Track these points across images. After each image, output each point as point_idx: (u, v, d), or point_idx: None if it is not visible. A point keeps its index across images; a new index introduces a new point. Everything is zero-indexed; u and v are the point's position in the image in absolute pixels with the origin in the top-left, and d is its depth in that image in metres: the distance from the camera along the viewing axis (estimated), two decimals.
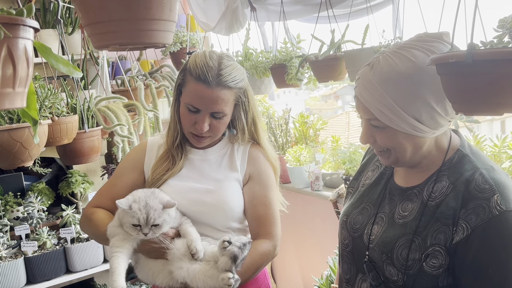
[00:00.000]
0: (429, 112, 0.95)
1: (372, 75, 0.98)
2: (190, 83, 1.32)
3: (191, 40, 2.94)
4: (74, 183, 2.54)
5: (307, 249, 2.95)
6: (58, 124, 1.83)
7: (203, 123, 1.33)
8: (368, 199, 1.18)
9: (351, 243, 1.18)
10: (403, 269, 1.01)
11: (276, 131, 2.97)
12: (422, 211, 1.02)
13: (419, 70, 0.94)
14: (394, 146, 1.02)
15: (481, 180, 0.97)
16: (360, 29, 1.92)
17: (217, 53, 1.36)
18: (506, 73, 0.81)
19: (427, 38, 0.98)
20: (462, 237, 0.95)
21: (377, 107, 0.98)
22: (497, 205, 0.93)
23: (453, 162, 1.04)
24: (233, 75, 1.33)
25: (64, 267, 2.28)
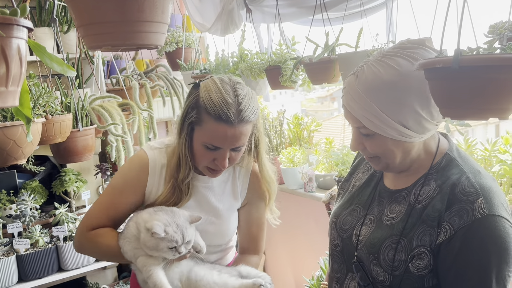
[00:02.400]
0: (415, 117, 0.97)
1: (357, 84, 1.00)
2: (209, 123, 1.23)
3: (187, 40, 2.95)
4: (67, 181, 2.54)
5: (300, 250, 2.96)
6: (52, 123, 1.84)
7: (224, 159, 1.28)
8: (357, 201, 1.20)
9: (340, 243, 1.20)
10: (390, 270, 1.03)
11: (271, 132, 2.98)
12: (409, 213, 1.04)
13: (403, 77, 0.95)
14: (383, 152, 1.04)
15: (466, 184, 0.99)
16: (354, 32, 1.93)
17: (228, 82, 1.27)
18: (491, 78, 0.83)
19: (410, 45, 0.99)
20: (445, 238, 0.97)
21: (365, 116, 0.99)
22: (480, 208, 0.95)
23: (441, 165, 1.06)
24: (251, 107, 1.26)
25: (56, 265, 2.29)
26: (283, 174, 2.78)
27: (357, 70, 1.02)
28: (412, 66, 0.95)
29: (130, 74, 2.74)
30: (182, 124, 1.30)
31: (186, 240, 1.23)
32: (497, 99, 0.85)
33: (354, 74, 1.02)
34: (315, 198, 2.57)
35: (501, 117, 0.88)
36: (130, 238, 1.26)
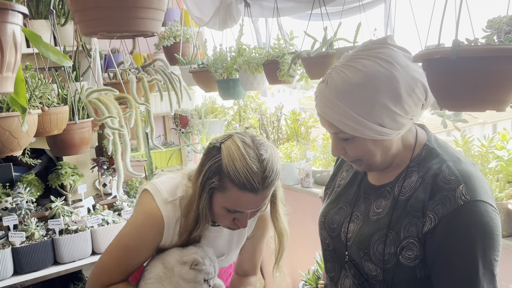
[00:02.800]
0: (390, 115, 0.97)
1: (328, 91, 1.00)
2: (232, 191, 1.20)
3: (185, 34, 2.94)
4: (63, 175, 2.53)
5: (296, 245, 2.96)
6: (48, 115, 1.83)
7: (245, 220, 1.28)
8: (344, 199, 1.21)
9: (331, 243, 1.21)
10: (381, 264, 1.04)
11: (268, 128, 2.98)
12: (394, 206, 1.05)
13: (371, 77, 0.96)
14: (364, 154, 1.05)
15: (447, 172, 1.00)
16: (352, 27, 1.93)
17: (251, 144, 1.22)
18: (489, 70, 0.83)
19: (373, 46, 1.00)
20: (430, 228, 0.98)
21: (340, 121, 1.00)
22: (462, 195, 0.96)
23: (422, 157, 1.07)
24: (275, 170, 1.23)
25: (52, 258, 2.28)
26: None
27: (326, 77, 1.03)
28: (377, 66, 0.96)
29: (127, 68, 2.73)
30: (202, 187, 1.24)
31: (217, 273, 1.30)
32: (495, 90, 0.85)
33: (324, 82, 1.03)
34: (312, 193, 2.57)
35: (498, 108, 0.88)
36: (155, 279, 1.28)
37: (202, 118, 3.45)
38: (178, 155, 3.54)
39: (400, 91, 0.95)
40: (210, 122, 3.52)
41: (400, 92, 0.95)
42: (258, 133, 3.22)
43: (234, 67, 2.50)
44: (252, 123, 3.46)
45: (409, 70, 0.97)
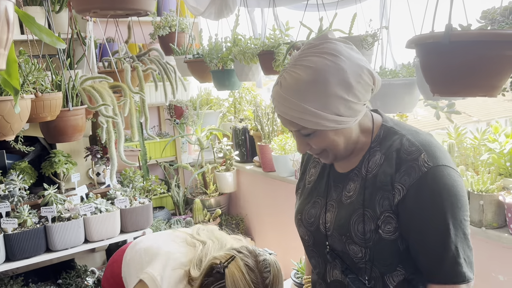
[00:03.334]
0: (345, 104, 1.02)
1: (283, 91, 1.04)
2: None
3: (180, 24, 2.93)
4: (57, 163, 2.52)
5: (289, 236, 2.98)
6: (42, 100, 1.82)
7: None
8: (316, 193, 1.24)
9: (311, 238, 1.23)
10: (364, 243, 1.07)
11: (263, 120, 2.98)
12: (364, 185, 1.10)
13: (320, 72, 1.00)
14: (328, 145, 1.09)
15: (408, 144, 1.06)
16: (348, 18, 1.93)
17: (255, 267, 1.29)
18: (481, 54, 0.84)
19: (316, 43, 1.05)
20: (399, 199, 1.03)
21: (300, 117, 1.04)
22: (424, 162, 1.01)
23: (381, 137, 1.12)
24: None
25: (44, 245, 2.27)
26: (275, 162, 2.79)
27: (279, 79, 1.07)
28: (324, 60, 1.01)
29: (122, 56, 2.72)
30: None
31: None
32: (487, 75, 0.86)
33: (278, 84, 1.07)
34: None
35: (490, 94, 0.89)
36: None
37: (197, 109, 3.44)
38: (172, 146, 3.53)
39: (349, 80, 1.00)
40: (205, 113, 3.51)
41: (349, 81, 1.00)
42: (253, 124, 3.23)
43: (229, 58, 2.50)
44: (247, 115, 3.46)
45: (353, 59, 1.02)
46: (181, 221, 3.16)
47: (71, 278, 2.56)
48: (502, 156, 1.81)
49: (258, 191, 3.26)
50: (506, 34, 0.81)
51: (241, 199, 3.47)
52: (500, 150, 1.82)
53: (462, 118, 5.34)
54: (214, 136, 3.59)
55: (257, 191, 3.28)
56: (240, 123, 3.36)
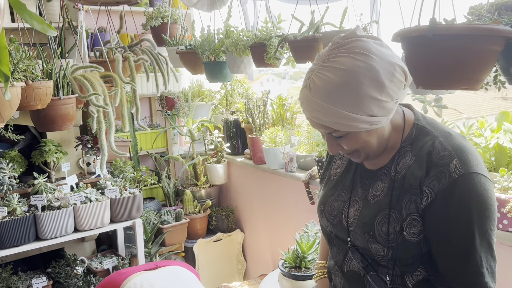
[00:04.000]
0: (378, 104, 0.99)
1: (313, 95, 1.01)
2: None
3: (173, 15, 2.93)
4: (47, 152, 2.52)
5: (278, 228, 3.01)
6: (32, 88, 1.82)
7: None
8: (341, 186, 1.23)
9: (333, 230, 1.23)
10: (386, 243, 1.07)
11: (254, 112, 2.99)
12: (392, 186, 1.08)
13: (352, 73, 0.97)
14: (361, 146, 1.07)
15: (440, 148, 1.03)
16: (339, 12, 1.95)
17: None
18: (464, 48, 0.86)
19: (344, 42, 1.01)
20: (427, 203, 1.01)
21: (332, 121, 1.01)
22: (456, 169, 0.99)
23: (413, 136, 1.10)
24: None
25: (33, 234, 2.28)
26: (265, 154, 2.81)
27: (307, 82, 1.04)
28: (354, 61, 0.97)
29: (114, 46, 2.71)
30: None
31: None
32: (469, 69, 0.88)
33: (306, 87, 1.03)
34: (295, 178, 2.60)
35: (472, 87, 0.92)
36: None
37: (189, 101, 3.45)
38: (163, 137, 3.54)
39: (382, 80, 0.97)
40: (196, 105, 3.52)
41: (382, 80, 0.97)
42: (244, 117, 3.24)
43: (222, 49, 2.51)
44: (238, 107, 3.47)
45: (384, 56, 0.99)
46: (171, 212, 3.18)
47: (61, 267, 2.57)
48: (488, 150, 1.84)
49: (248, 183, 3.28)
50: (488, 29, 0.84)
51: (232, 191, 3.50)
52: (485, 145, 1.85)
53: (453, 115, 5.39)
54: (206, 128, 3.60)
55: (247, 183, 3.30)
56: (232, 116, 3.37)
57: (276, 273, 2.00)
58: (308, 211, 2.63)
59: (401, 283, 1.11)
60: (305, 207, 2.66)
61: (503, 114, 1.94)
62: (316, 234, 2.08)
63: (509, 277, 1.69)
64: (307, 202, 2.58)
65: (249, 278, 3.33)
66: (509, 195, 1.59)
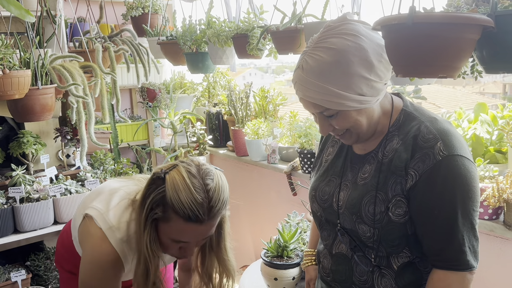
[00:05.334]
0: (367, 83, 1.03)
1: (306, 74, 1.05)
2: (177, 222, 1.19)
3: (154, 5, 2.90)
4: (25, 143, 2.47)
5: (261, 219, 3.02)
6: (9, 77, 1.78)
7: (192, 251, 1.29)
8: (332, 172, 1.27)
9: (323, 214, 1.27)
10: (373, 224, 1.10)
11: (237, 104, 2.99)
12: (379, 169, 1.13)
13: (342, 52, 1.01)
14: (351, 125, 1.10)
15: (425, 131, 1.07)
16: (321, 3, 1.96)
17: (197, 174, 1.22)
18: (443, 36, 0.87)
19: (335, 25, 1.06)
20: (412, 184, 1.06)
21: (324, 99, 1.05)
22: (440, 151, 1.03)
23: (401, 122, 1.14)
24: (222, 199, 1.24)
25: (12, 226, 2.24)
26: (248, 146, 2.81)
27: (300, 62, 1.08)
28: (345, 41, 1.02)
29: (93, 36, 2.67)
30: (145, 220, 1.23)
31: None
32: (447, 56, 0.90)
33: (299, 67, 1.08)
34: (278, 169, 2.62)
35: (450, 75, 0.93)
36: None
37: (171, 93, 3.42)
38: (144, 129, 3.51)
39: (371, 59, 1.01)
40: (178, 97, 3.49)
41: (371, 60, 1.01)
42: (227, 109, 3.24)
43: (203, 40, 2.49)
44: (221, 99, 3.46)
45: (373, 38, 1.04)
46: None
47: (40, 260, 2.53)
48: (465, 141, 1.89)
49: (231, 175, 3.28)
50: (465, 17, 0.86)
51: None
52: (463, 135, 1.90)
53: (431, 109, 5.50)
54: (188, 120, 3.58)
55: (230, 175, 3.28)
56: (214, 108, 3.36)
57: (258, 263, 2.01)
58: (290, 202, 2.65)
59: (387, 265, 1.15)
60: (287, 198, 2.68)
61: (480, 106, 1.99)
62: (298, 224, 2.10)
63: (486, 264, 1.74)
64: (289, 193, 2.60)
65: None
66: (485, 184, 1.63)
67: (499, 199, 1.58)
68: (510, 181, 1.57)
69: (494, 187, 1.58)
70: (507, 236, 1.62)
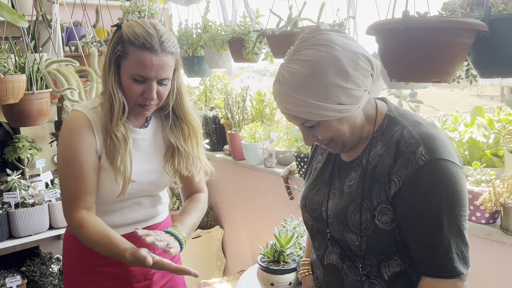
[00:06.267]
0: (344, 92, 1.02)
1: (284, 88, 1.06)
2: (134, 53, 1.30)
3: (150, 10, 2.89)
4: (21, 148, 2.46)
5: (258, 223, 3.01)
6: (4, 82, 1.77)
7: (152, 91, 1.34)
8: (321, 180, 1.26)
9: (314, 223, 1.26)
10: (360, 232, 1.09)
11: (233, 108, 2.99)
12: (364, 176, 1.11)
13: (316, 63, 1.01)
14: (333, 134, 1.10)
15: (408, 136, 1.05)
16: (316, 7, 1.96)
17: (148, 21, 1.37)
18: (436, 41, 0.87)
19: (308, 36, 1.06)
20: (395, 191, 1.04)
21: (303, 111, 1.05)
22: (422, 155, 1.01)
23: (384, 127, 1.12)
24: (172, 40, 1.36)
25: (7, 232, 2.22)
26: (244, 150, 2.81)
27: (277, 77, 1.09)
28: (318, 52, 1.02)
29: (89, 41, 2.66)
30: (109, 62, 1.35)
31: None
32: (441, 61, 0.89)
33: (277, 81, 1.08)
34: (275, 173, 2.61)
35: (444, 79, 0.93)
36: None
37: None
38: None
39: (346, 68, 1.01)
40: None
41: (346, 69, 1.01)
42: (224, 113, 3.23)
43: (200, 44, 2.49)
44: (218, 103, 3.45)
45: (347, 46, 1.03)
46: None
47: (35, 266, 2.51)
48: (462, 145, 1.88)
49: (228, 179, 3.28)
50: (459, 22, 0.85)
51: (211, 187, 3.48)
52: (459, 139, 1.89)
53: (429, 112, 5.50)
54: None
55: (227, 179, 3.29)
56: (211, 112, 3.35)
57: (255, 268, 2.00)
58: (287, 206, 2.64)
59: (378, 275, 1.12)
60: (284, 203, 2.67)
61: (476, 109, 1.98)
62: (294, 229, 2.09)
63: (483, 268, 1.74)
64: (286, 197, 2.59)
65: (228, 274, 3.33)
66: (482, 188, 1.63)
67: (495, 203, 1.57)
68: (506, 185, 1.57)
69: (490, 191, 1.58)
70: (504, 240, 1.62)
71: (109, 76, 1.35)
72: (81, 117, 1.37)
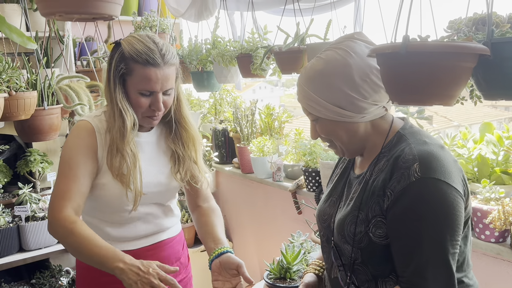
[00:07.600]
0: (347, 98, 1.07)
1: (300, 77, 1.16)
2: (139, 70, 1.35)
3: (161, 25, 2.93)
4: (32, 162, 2.50)
5: (266, 237, 3.00)
6: (16, 99, 1.81)
7: (159, 102, 1.39)
8: (335, 193, 1.29)
9: (325, 234, 1.28)
10: (353, 243, 1.10)
11: (242, 122, 3.00)
12: (364, 189, 1.13)
13: (327, 64, 1.09)
14: (330, 134, 1.15)
15: (407, 153, 1.05)
16: (323, 24, 1.97)
17: (144, 35, 1.41)
18: (437, 65, 0.87)
19: (341, 39, 1.13)
20: (388, 204, 1.04)
21: (307, 103, 1.13)
22: (415, 172, 1.00)
23: (393, 143, 1.13)
24: (171, 51, 1.41)
25: (17, 245, 2.25)
26: (253, 163, 2.81)
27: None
28: (335, 54, 1.08)
29: (101, 56, 2.71)
30: (113, 80, 1.38)
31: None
32: (442, 85, 0.89)
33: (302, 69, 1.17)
34: (283, 187, 2.61)
35: (446, 103, 0.93)
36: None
37: None
38: None
39: (353, 76, 1.05)
40: None
41: (353, 77, 1.05)
42: (233, 126, 3.25)
43: (209, 59, 2.51)
44: (227, 116, 3.47)
45: (365, 58, 1.07)
46: None
47: (45, 278, 2.54)
48: (470, 161, 1.86)
49: (236, 192, 3.28)
50: (460, 46, 0.85)
51: (220, 199, 3.49)
52: (468, 156, 1.87)
53: (443, 123, 5.44)
54: None
55: (235, 192, 3.30)
56: (220, 125, 3.37)
57: (262, 284, 1.99)
58: (295, 221, 2.63)
59: None
60: (292, 217, 2.66)
61: (485, 125, 1.96)
62: (301, 245, 2.07)
63: (491, 287, 1.71)
64: (294, 211, 2.59)
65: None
66: (491, 206, 1.60)
67: (505, 221, 1.54)
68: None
69: (499, 210, 1.55)
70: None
71: (116, 93, 1.38)
72: (85, 124, 1.44)
